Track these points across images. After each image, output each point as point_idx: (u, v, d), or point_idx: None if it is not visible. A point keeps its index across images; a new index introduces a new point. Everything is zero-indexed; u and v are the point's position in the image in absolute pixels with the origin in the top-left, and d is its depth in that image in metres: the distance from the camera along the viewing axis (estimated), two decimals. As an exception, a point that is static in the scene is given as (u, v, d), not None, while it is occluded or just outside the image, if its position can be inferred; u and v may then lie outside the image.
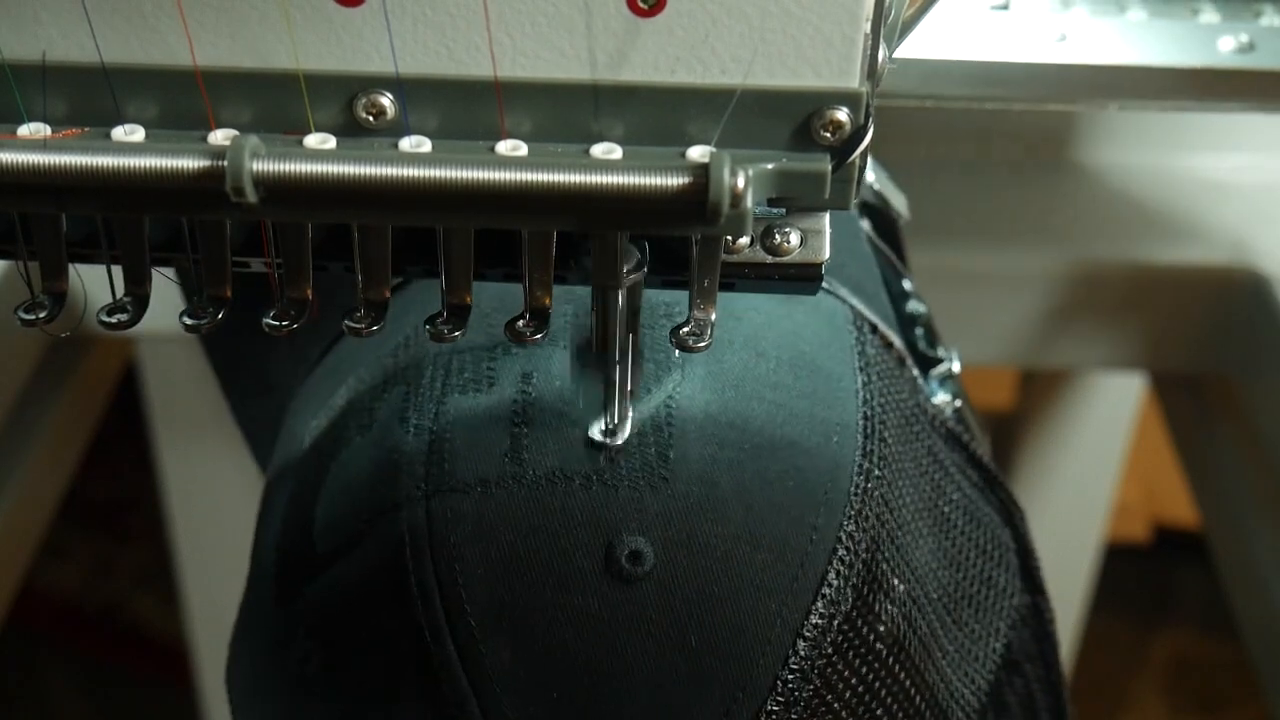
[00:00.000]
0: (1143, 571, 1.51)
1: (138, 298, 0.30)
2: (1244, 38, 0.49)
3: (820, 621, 0.32)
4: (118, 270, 0.30)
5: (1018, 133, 0.73)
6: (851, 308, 0.39)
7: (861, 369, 0.37)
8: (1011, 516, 0.41)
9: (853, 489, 0.34)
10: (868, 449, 0.35)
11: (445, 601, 0.32)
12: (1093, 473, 1.04)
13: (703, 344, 0.30)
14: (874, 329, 0.39)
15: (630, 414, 0.34)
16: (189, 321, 0.30)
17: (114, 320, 0.30)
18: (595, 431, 0.33)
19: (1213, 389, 0.75)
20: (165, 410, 0.84)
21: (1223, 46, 0.49)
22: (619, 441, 0.33)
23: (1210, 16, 0.50)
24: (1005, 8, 0.50)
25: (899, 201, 0.50)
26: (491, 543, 0.32)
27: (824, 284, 0.38)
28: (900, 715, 0.34)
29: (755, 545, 0.32)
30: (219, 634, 0.39)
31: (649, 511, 0.32)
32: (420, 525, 0.33)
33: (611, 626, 0.32)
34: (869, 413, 0.36)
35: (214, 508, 0.87)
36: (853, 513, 0.34)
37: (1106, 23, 0.50)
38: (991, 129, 0.72)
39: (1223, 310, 0.70)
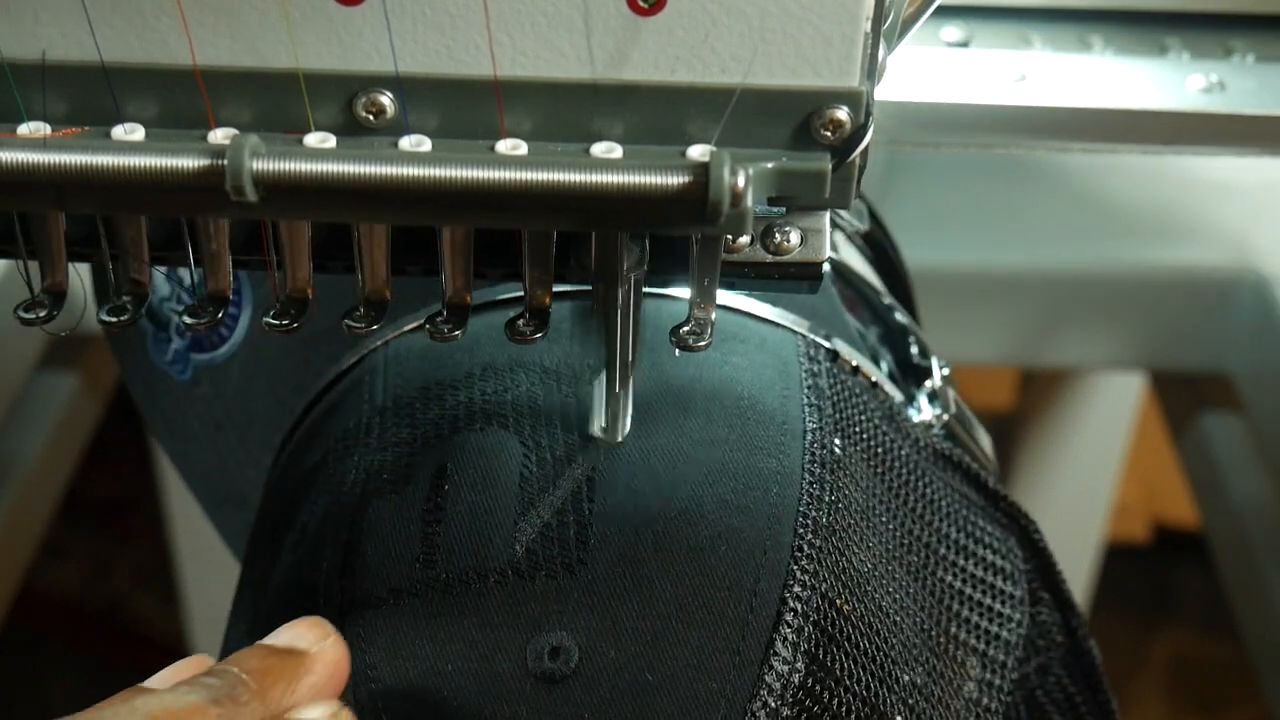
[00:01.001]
0: (1143, 571, 1.51)
1: (137, 297, 0.30)
2: (1214, 77, 0.46)
3: (771, 698, 0.30)
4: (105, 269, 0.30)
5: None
6: (804, 338, 0.37)
7: (813, 405, 0.35)
8: (1025, 531, 0.39)
9: (797, 544, 0.31)
10: (815, 494, 0.32)
11: None
12: (1093, 472, 1.04)
13: (703, 343, 0.29)
14: (834, 356, 0.37)
15: (629, 411, 0.33)
16: (188, 321, 0.30)
17: (114, 320, 0.30)
18: (595, 429, 0.33)
19: (1212, 388, 0.75)
20: (165, 410, 0.84)
21: (1191, 86, 0.46)
22: (619, 439, 0.33)
23: (1179, 54, 0.48)
24: (964, 45, 0.48)
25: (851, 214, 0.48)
26: (408, 658, 0.31)
27: (769, 317, 0.37)
28: None
29: (688, 622, 0.30)
30: (218, 634, 0.39)
31: (569, 601, 0.30)
32: None
33: None
34: (818, 454, 0.33)
35: (214, 507, 0.87)
36: (798, 570, 0.31)
37: (1069, 60, 0.47)
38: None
39: (1223, 310, 0.70)
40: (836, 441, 0.34)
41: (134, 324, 0.30)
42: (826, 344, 0.37)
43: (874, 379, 0.38)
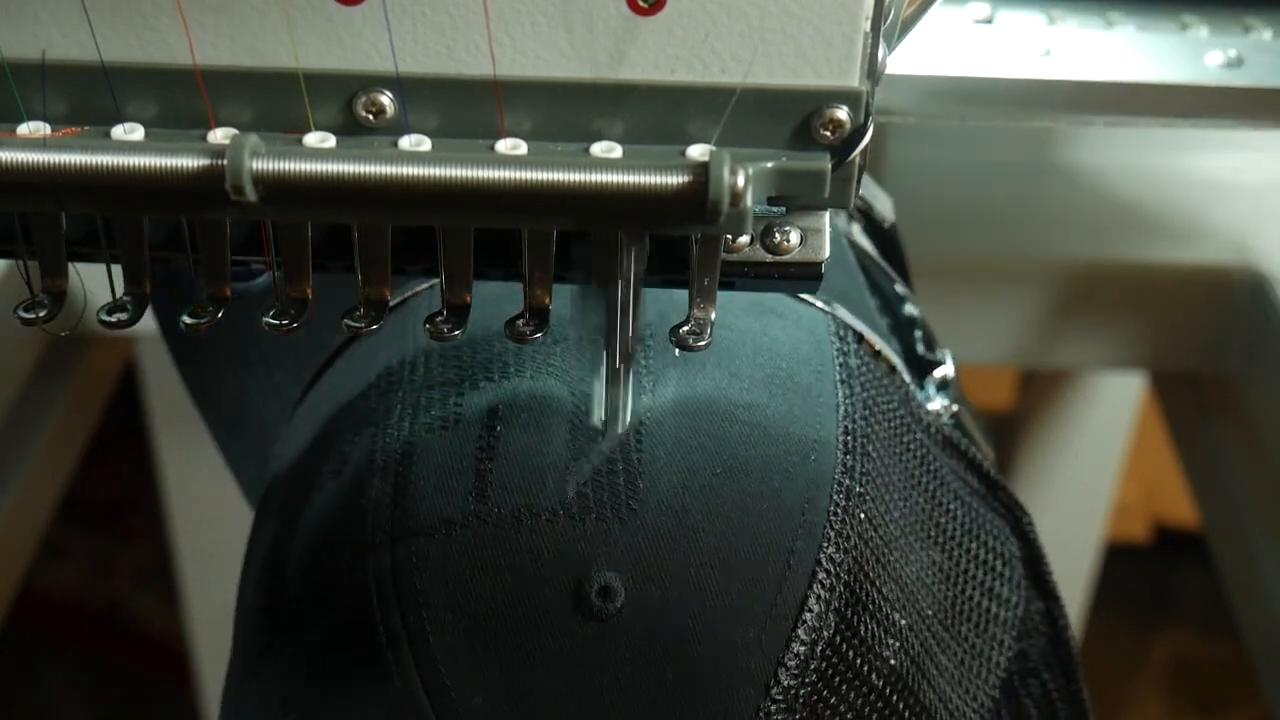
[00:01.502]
0: (1143, 571, 1.51)
1: (137, 297, 0.30)
2: (1232, 53, 0.48)
3: (802, 649, 0.31)
4: (117, 269, 0.30)
5: (1018, 132, 0.73)
6: (834, 318, 0.38)
7: (844, 381, 0.36)
8: (1019, 522, 0.40)
9: (832, 509, 0.33)
10: (848, 465, 0.34)
11: (414, 649, 0.31)
12: (1093, 472, 1.04)
13: (702, 343, 0.29)
14: (860, 338, 0.38)
15: (630, 403, 0.33)
16: (189, 321, 0.30)
17: (114, 319, 0.30)
18: (595, 420, 0.33)
19: (1213, 388, 0.74)
20: (165, 410, 0.84)
21: (1210, 61, 0.48)
22: (620, 431, 0.33)
23: (1198, 31, 0.49)
24: (989, 21, 0.50)
25: (884, 205, 0.49)
26: (458, 586, 0.32)
27: (805, 297, 0.38)
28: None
29: (730, 573, 0.32)
30: (219, 634, 0.39)
31: (618, 544, 0.31)
32: (385, 573, 0.32)
33: (584, 666, 0.31)
34: (850, 427, 0.35)
35: (214, 507, 0.87)
36: (833, 534, 0.33)
37: (1092, 37, 0.49)
38: (992, 127, 0.72)
39: (1223, 310, 0.70)
40: (864, 418, 0.36)
41: (133, 324, 0.30)
42: (854, 324, 0.39)
43: (892, 364, 0.39)
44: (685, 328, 0.30)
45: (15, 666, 1.44)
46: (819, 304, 0.38)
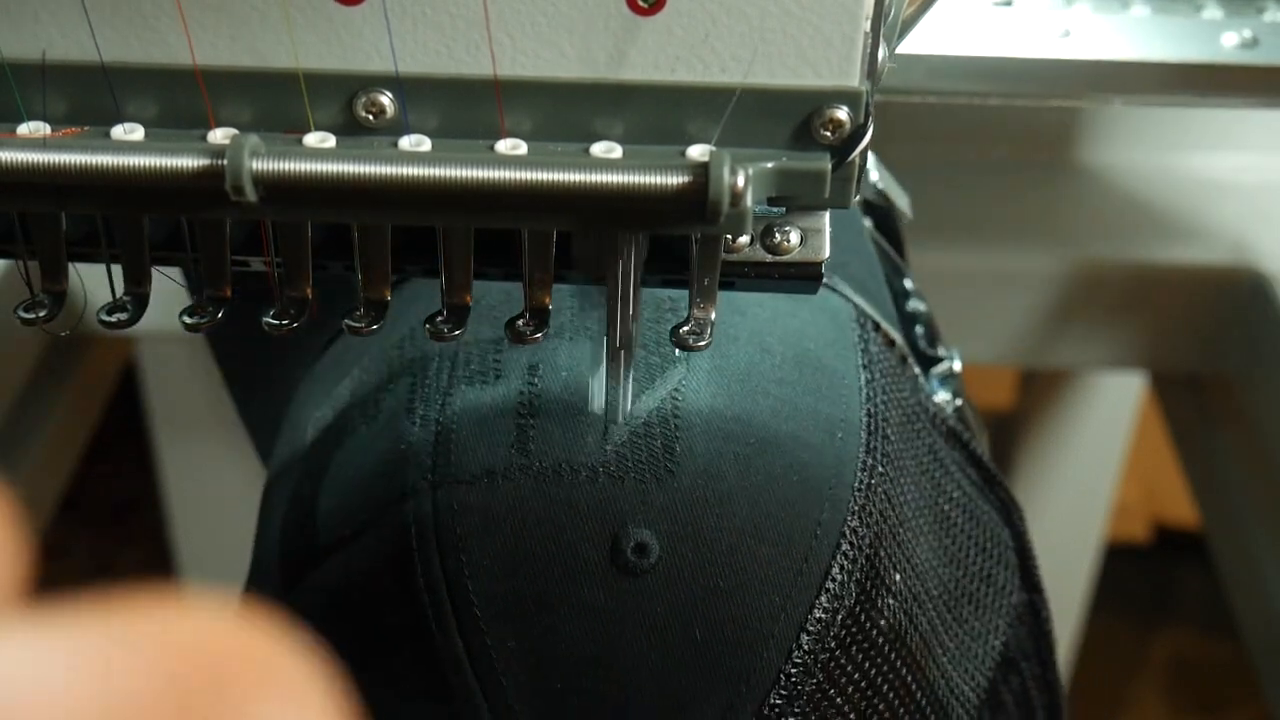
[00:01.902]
0: (1143, 571, 1.51)
1: (137, 297, 0.30)
2: (1247, 33, 0.49)
3: (824, 616, 0.32)
4: (117, 269, 0.30)
5: (1018, 132, 0.73)
6: (855, 306, 0.39)
7: (865, 366, 0.37)
8: (1010, 515, 0.41)
9: (856, 485, 0.34)
10: (871, 445, 0.35)
11: (452, 593, 0.32)
12: (1093, 472, 1.04)
13: (702, 343, 0.29)
14: (877, 327, 0.39)
15: (630, 398, 0.34)
16: (189, 320, 0.30)
17: (114, 319, 0.30)
18: (594, 407, 0.34)
19: (1213, 388, 0.74)
20: (165, 410, 0.84)
21: (1226, 42, 0.49)
22: (619, 420, 0.34)
23: (1213, 12, 0.50)
24: (1008, 4, 0.50)
25: (902, 201, 0.50)
26: (497, 534, 0.32)
27: (828, 282, 0.39)
28: (901, 710, 0.34)
29: (760, 539, 0.32)
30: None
31: (654, 504, 0.32)
32: (426, 516, 0.33)
33: (617, 619, 0.32)
34: (873, 410, 0.36)
35: (214, 508, 0.87)
36: (856, 508, 0.34)
37: (1109, 18, 0.50)
38: (992, 128, 0.72)
39: (1223, 310, 0.70)
40: (882, 402, 0.36)
41: (133, 324, 0.30)
42: (873, 315, 0.39)
43: (904, 354, 0.40)
44: (685, 327, 0.30)
45: (15, 667, 1.44)
46: (841, 290, 0.39)
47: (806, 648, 0.32)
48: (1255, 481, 0.71)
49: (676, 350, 0.35)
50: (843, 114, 0.28)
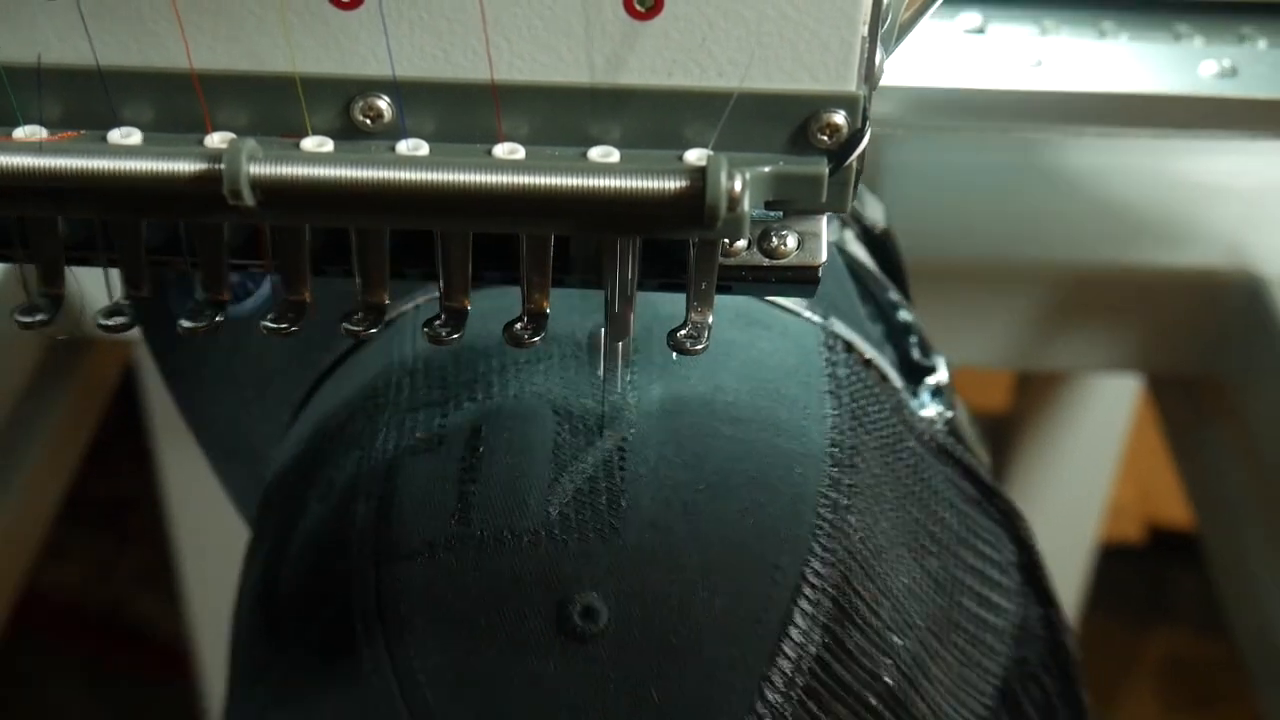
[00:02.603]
0: (1137, 571, 1.51)
1: (135, 300, 0.30)
2: (1226, 62, 0.47)
3: (788, 665, 0.31)
4: (114, 273, 0.30)
5: (1016, 135, 0.73)
6: (822, 328, 0.38)
7: (832, 393, 0.36)
8: (1016, 528, 0.39)
9: (818, 522, 0.32)
10: (835, 478, 0.33)
11: (398, 675, 0.31)
12: (1088, 473, 1.04)
13: (699, 346, 0.29)
14: (849, 348, 0.38)
15: (628, 377, 0.33)
16: (186, 324, 0.30)
17: (112, 323, 0.30)
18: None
19: (1208, 391, 0.74)
20: (165, 410, 0.84)
21: (1204, 71, 0.47)
22: (615, 422, 0.33)
23: (1192, 41, 0.48)
24: (981, 31, 0.49)
25: (874, 211, 0.48)
26: (441, 609, 0.31)
27: (791, 308, 0.38)
28: None
29: (714, 590, 0.31)
30: (220, 633, 0.39)
31: (600, 565, 0.31)
32: (370, 598, 0.32)
33: (570, 687, 0.30)
34: (838, 439, 0.34)
35: (214, 508, 0.87)
36: (818, 548, 0.32)
37: (1084, 47, 0.48)
38: (987, 132, 0.72)
39: (1218, 312, 0.70)
40: (852, 429, 0.35)
41: (132, 328, 0.30)
42: (844, 334, 0.38)
43: (883, 372, 0.39)
44: (682, 331, 0.29)
45: (17, 669, 1.44)
46: (806, 314, 0.38)
47: (772, 699, 0.31)
48: (1249, 483, 0.71)
49: (630, 391, 0.34)
50: (840, 118, 0.27)
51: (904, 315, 0.44)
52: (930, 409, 0.41)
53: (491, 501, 0.32)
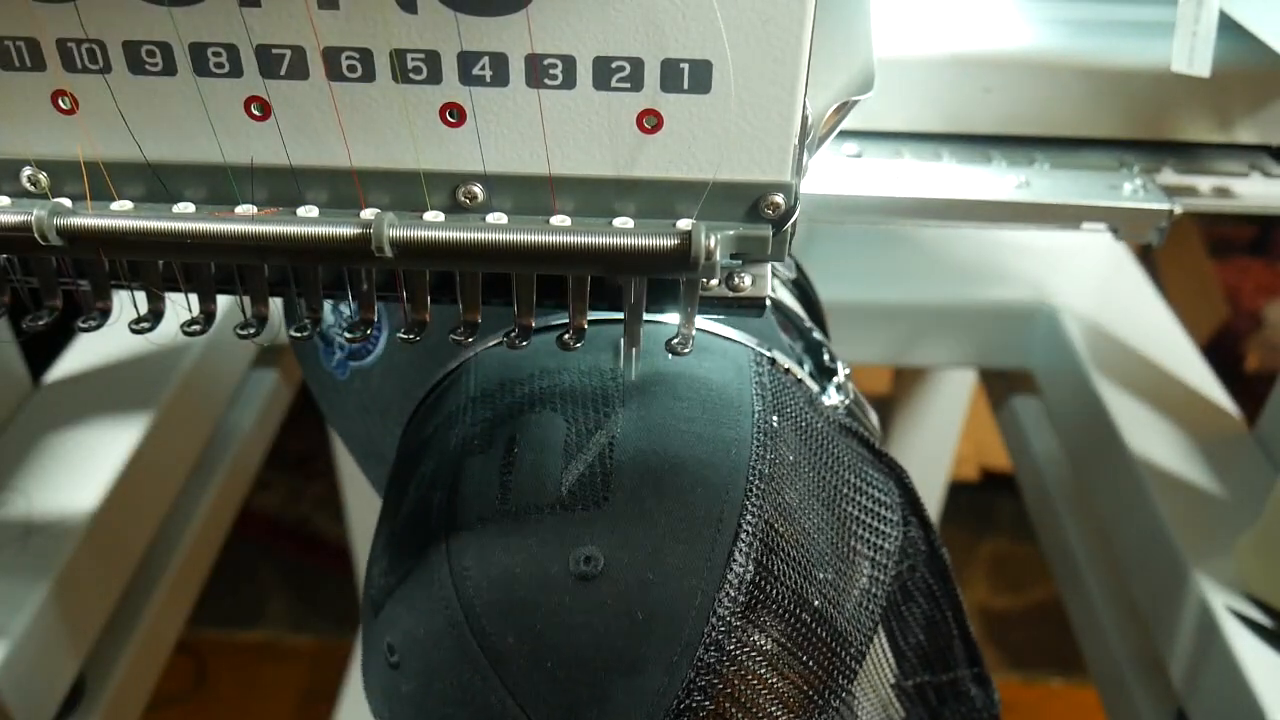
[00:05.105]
0: (973, 500, 1.51)
1: (312, 320, 0.30)
2: (1023, 177, 0.47)
3: (732, 590, 0.30)
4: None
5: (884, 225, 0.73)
6: (752, 349, 0.37)
7: (758, 394, 0.34)
8: (900, 476, 0.38)
9: (747, 488, 0.31)
10: (760, 454, 0.32)
11: (463, 605, 0.31)
12: (941, 434, 1.03)
13: (686, 350, 0.29)
14: (772, 362, 0.37)
15: (637, 363, 0.33)
16: (349, 335, 0.29)
17: (295, 334, 0.30)
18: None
19: (1019, 378, 0.75)
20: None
21: (1008, 184, 0.47)
22: (633, 377, 0.33)
23: (999, 163, 0.49)
24: (859, 156, 0.49)
25: (780, 267, 0.47)
26: (489, 561, 0.31)
27: (735, 338, 0.37)
28: (805, 643, 0.32)
29: (677, 539, 0.30)
30: (369, 546, 0.39)
31: (597, 526, 0.30)
32: (442, 556, 0.32)
33: (581, 613, 0.30)
34: (762, 425, 0.33)
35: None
36: (750, 505, 0.31)
37: (928, 167, 0.49)
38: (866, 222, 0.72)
39: (1025, 327, 0.70)
40: (774, 418, 0.34)
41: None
42: (768, 353, 0.37)
43: (799, 376, 0.38)
44: (675, 340, 0.29)
45: (238, 565, 1.44)
46: (739, 340, 0.37)
47: (721, 613, 0.30)
48: (1048, 437, 0.71)
49: (615, 405, 0.33)
50: (779, 198, 0.27)
51: (816, 335, 0.43)
52: (835, 398, 0.40)
53: (522, 486, 0.31)
